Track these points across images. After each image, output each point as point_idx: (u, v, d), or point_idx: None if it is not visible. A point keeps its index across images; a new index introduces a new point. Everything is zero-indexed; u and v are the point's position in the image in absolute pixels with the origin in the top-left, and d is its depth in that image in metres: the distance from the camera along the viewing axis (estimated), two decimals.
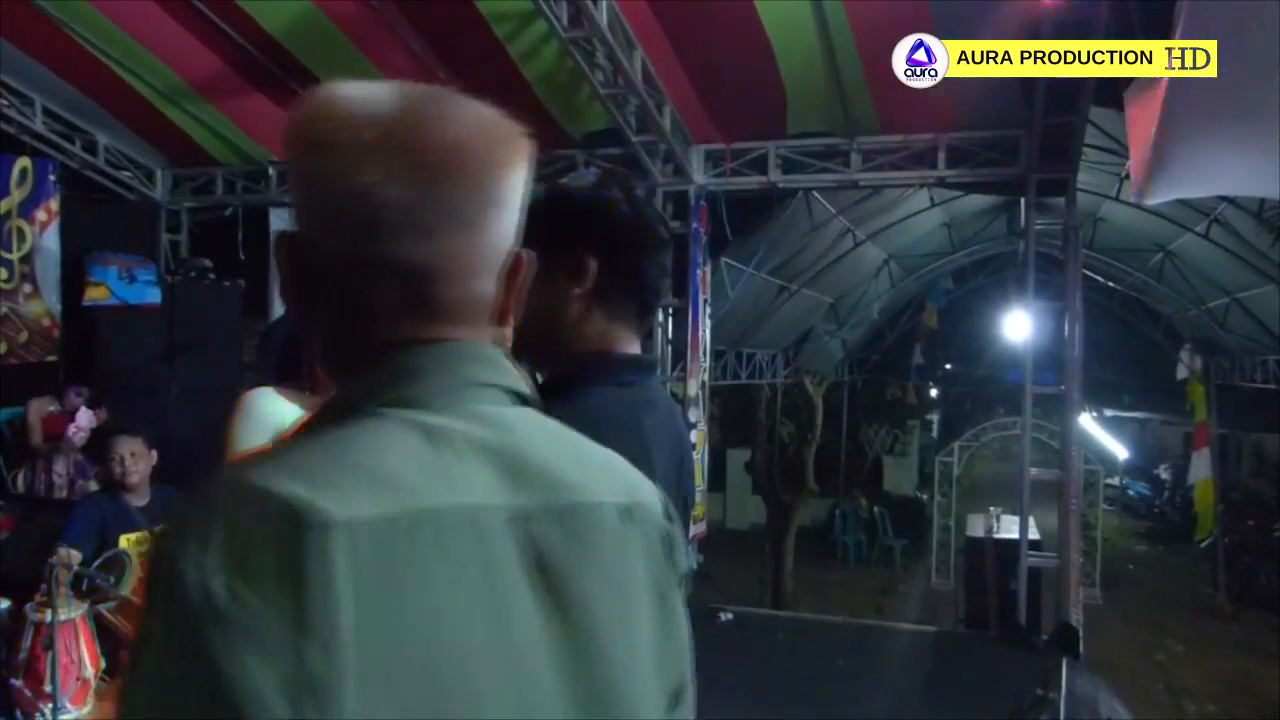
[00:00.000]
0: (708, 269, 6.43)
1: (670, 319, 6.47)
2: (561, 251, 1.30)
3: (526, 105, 5.75)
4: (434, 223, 0.76)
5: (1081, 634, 5.18)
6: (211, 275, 6.83)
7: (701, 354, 6.36)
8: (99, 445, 4.44)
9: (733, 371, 9.20)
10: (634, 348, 1.36)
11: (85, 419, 5.73)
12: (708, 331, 6.49)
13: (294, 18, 5.10)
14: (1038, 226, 5.78)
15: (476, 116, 0.86)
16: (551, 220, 1.28)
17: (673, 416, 1.39)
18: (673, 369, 6.45)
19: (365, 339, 0.77)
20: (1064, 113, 5.14)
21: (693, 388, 6.29)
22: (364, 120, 0.77)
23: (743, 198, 6.40)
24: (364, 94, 0.79)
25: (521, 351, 1.32)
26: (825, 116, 5.70)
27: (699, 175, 6.18)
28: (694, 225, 6.18)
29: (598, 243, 1.32)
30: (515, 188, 0.84)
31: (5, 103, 6.11)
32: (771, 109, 5.60)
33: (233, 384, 6.41)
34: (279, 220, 6.99)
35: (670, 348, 6.45)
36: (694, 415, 6.29)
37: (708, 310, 6.47)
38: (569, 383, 1.29)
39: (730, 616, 5.43)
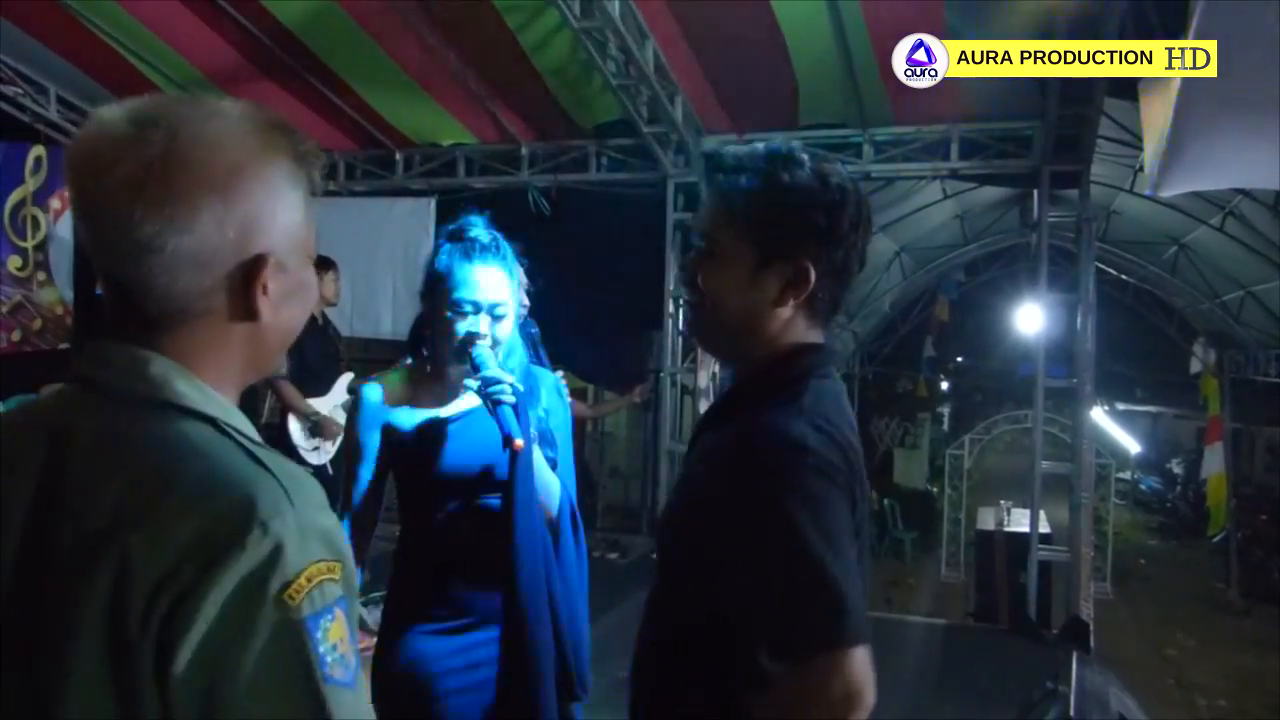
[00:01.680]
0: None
1: (681, 311, 6.46)
2: (778, 258, 1.24)
3: (538, 96, 5.77)
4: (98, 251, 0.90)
5: (1092, 628, 5.17)
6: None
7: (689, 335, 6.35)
8: None
9: None
10: (821, 338, 1.31)
11: None
12: None
13: (308, 8, 5.11)
14: (1051, 219, 5.76)
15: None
16: (771, 222, 1.24)
17: (846, 398, 1.35)
18: (683, 360, 6.45)
19: None
20: (1078, 105, 5.12)
21: (703, 379, 6.29)
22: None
23: None
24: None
25: (713, 344, 1.33)
26: (837, 108, 5.68)
27: None
28: None
29: (819, 250, 1.24)
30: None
31: (19, 91, 6.13)
32: (783, 100, 5.58)
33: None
34: None
35: (681, 339, 6.45)
36: (704, 406, 6.29)
37: None
38: (780, 383, 1.24)
39: None
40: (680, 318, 6.47)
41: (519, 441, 1.86)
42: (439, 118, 6.22)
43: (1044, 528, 5.89)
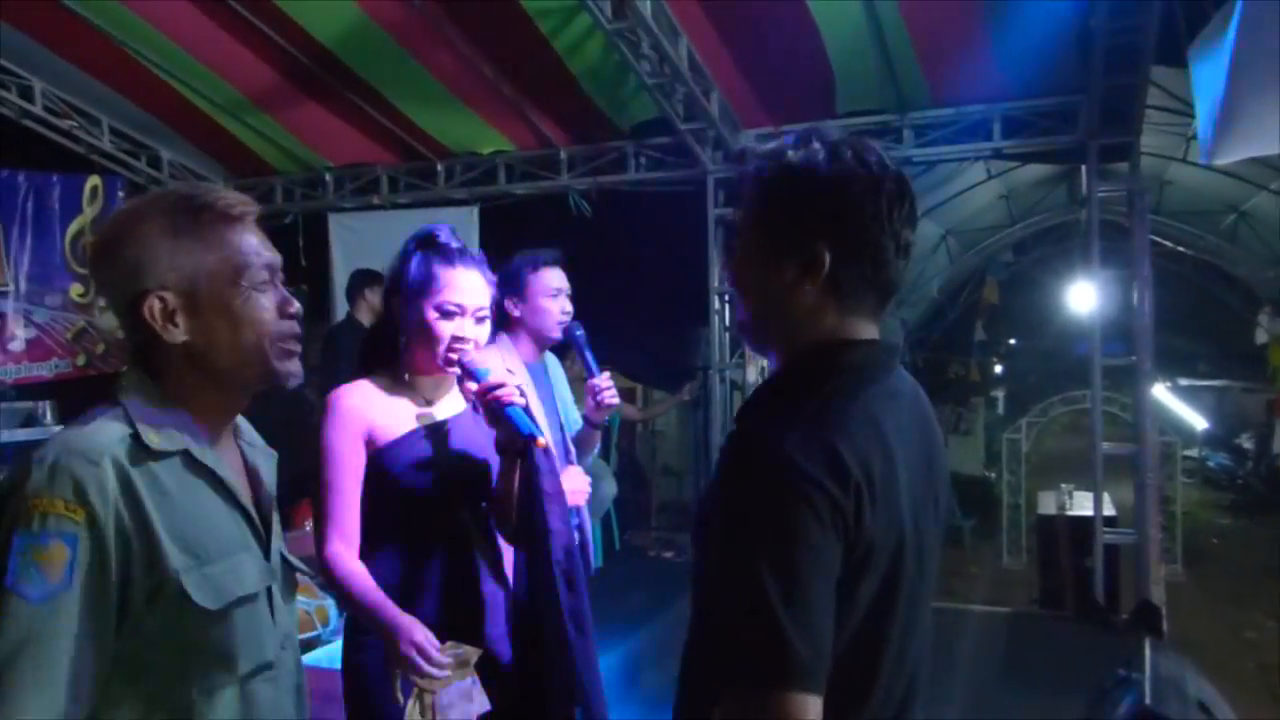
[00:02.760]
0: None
1: (727, 306, 6.44)
2: (789, 243, 1.17)
3: (573, 100, 5.78)
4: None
5: (1164, 612, 5.05)
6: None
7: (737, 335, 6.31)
8: None
9: None
10: (870, 333, 1.22)
11: None
12: None
13: (343, 25, 5.18)
14: (1101, 193, 5.62)
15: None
16: (777, 206, 1.19)
17: (916, 405, 1.25)
18: (731, 356, 6.43)
19: None
20: (1124, 74, 4.98)
21: (752, 374, 6.26)
22: None
23: None
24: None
25: (756, 340, 1.28)
26: (875, 94, 5.61)
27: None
28: None
29: (833, 232, 1.16)
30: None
31: (74, 124, 6.30)
32: (820, 89, 5.53)
33: (298, 386, 6.55)
34: (337, 226, 7.11)
35: (728, 335, 6.42)
36: None
37: None
38: (797, 384, 1.18)
39: None
40: (726, 314, 6.44)
41: (542, 440, 1.86)
42: (477, 127, 6.26)
43: (1108, 510, 5.76)
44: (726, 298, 6.40)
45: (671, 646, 4.28)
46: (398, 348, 2.00)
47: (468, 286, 1.95)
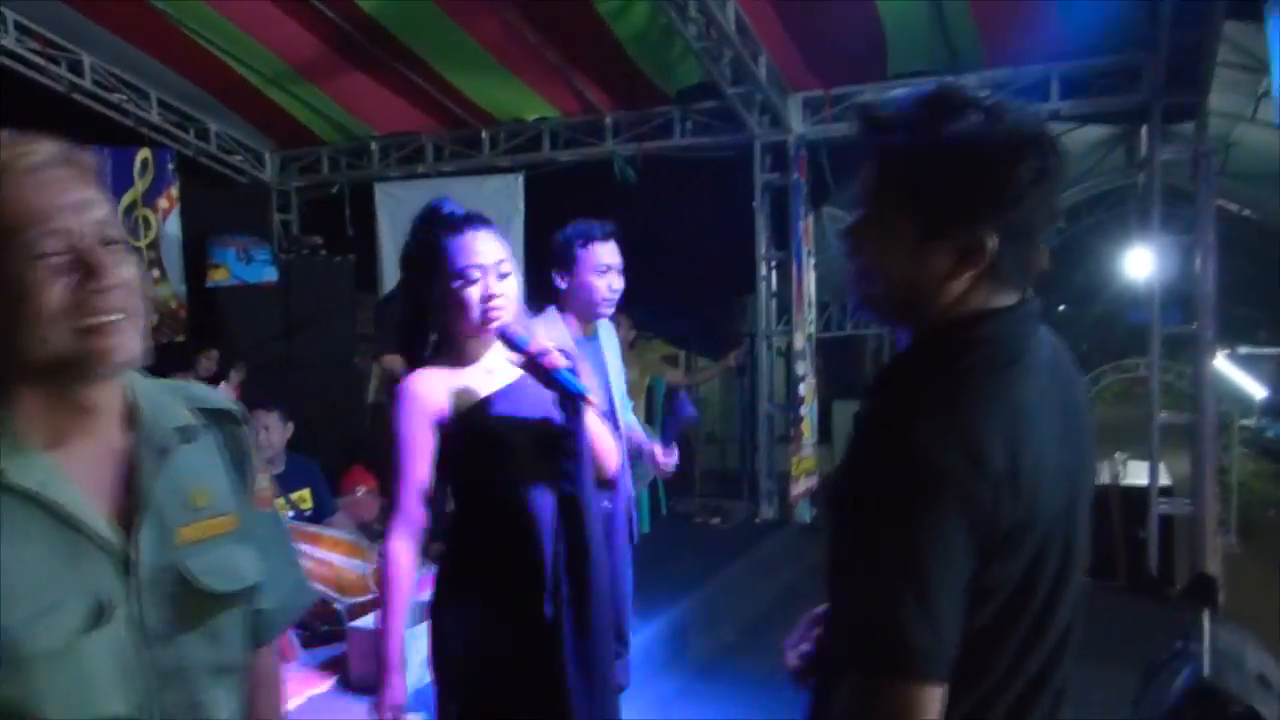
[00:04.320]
0: (810, 220, 6.30)
1: (774, 272, 6.38)
2: (948, 229, 1.05)
3: (619, 65, 5.72)
4: None
5: (1220, 583, 4.95)
6: (323, 252, 7.04)
7: (806, 306, 6.26)
8: None
9: (838, 323, 9.04)
10: (1010, 300, 1.11)
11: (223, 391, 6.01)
12: (812, 283, 6.38)
13: None
14: (1163, 157, 5.45)
15: None
16: (936, 185, 1.05)
17: (1060, 369, 1.15)
18: (777, 322, 6.37)
19: None
20: (1193, 29, 4.78)
21: (798, 341, 6.21)
22: None
23: (843, 145, 6.22)
24: None
25: (887, 316, 1.18)
26: (927, 54, 5.48)
27: (797, 124, 6.03)
28: (794, 176, 6.06)
29: (1001, 218, 1.04)
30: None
31: (124, 97, 6.37)
32: (872, 50, 5.42)
33: (347, 355, 6.63)
34: (383, 195, 7.14)
35: (774, 301, 6.36)
36: (801, 368, 6.21)
37: (811, 262, 6.35)
38: (935, 362, 1.09)
39: None
40: (773, 280, 6.38)
41: (591, 398, 1.90)
42: (522, 93, 6.23)
43: (1164, 480, 5.64)
44: (774, 263, 6.34)
45: (717, 613, 4.30)
46: (435, 329, 2.01)
47: (480, 248, 1.93)
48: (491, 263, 1.93)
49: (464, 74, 6.02)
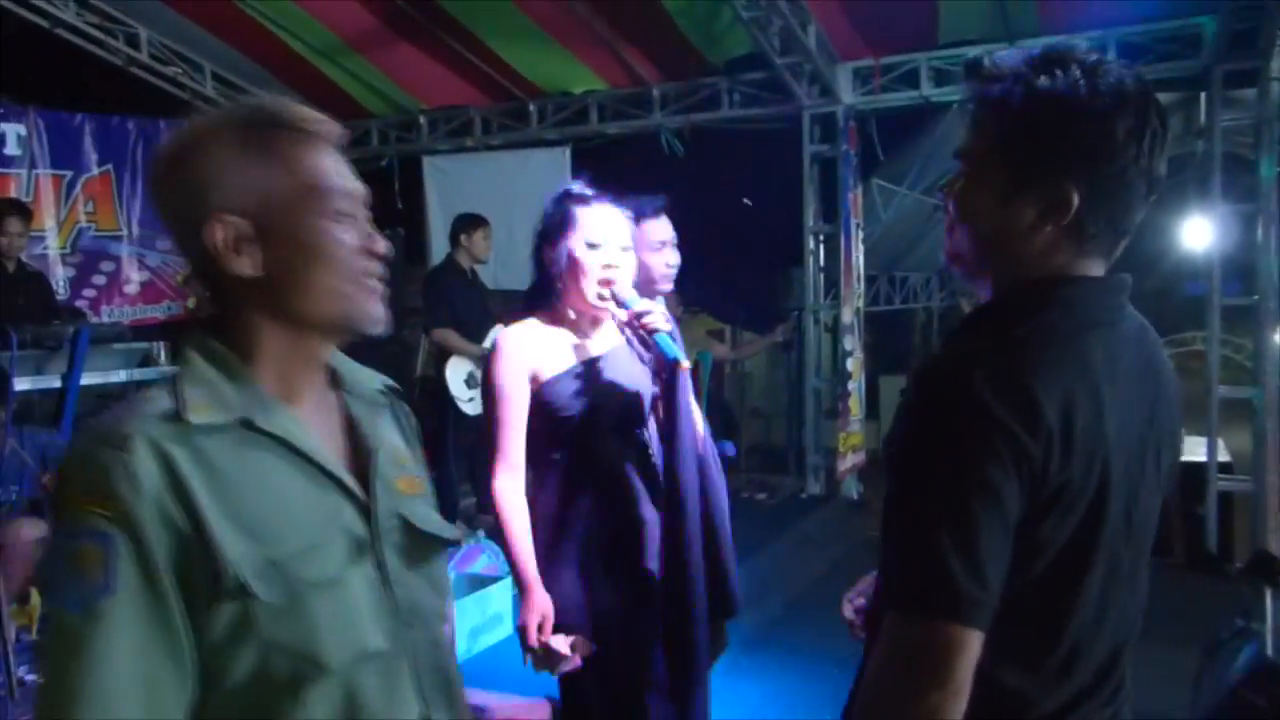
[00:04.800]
0: (859, 192, 6.23)
1: (821, 246, 6.33)
2: (1035, 181, 1.06)
3: (667, 36, 5.68)
4: None
5: None
6: (372, 225, 7.10)
7: (855, 280, 6.21)
8: None
9: (886, 297, 8.97)
10: (1097, 271, 1.12)
11: None
12: (860, 257, 6.32)
13: None
14: (1224, 123, 5.31)
15: None
16: (1027, 138, 1.07)
17: (1142, 348, 1.15)
18: (825, 296, 6.33)
19: None
20: None
21: (847, 315, 6.16)
22: None
23: (893, 115, 6.14)
24: None
25: (970, 273, 1.17)
26: (980, 21, 5.37)
27: (847, 95, 5.96)
28: (843, 147, 5.99)
29: (1087, 173, 1.04)
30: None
31: (179, 70, 6.47)
32: (922, 17, 5.33)
33: (395, 328, 6.69)
34: (431, 168, 7.18)
35: (823, 275, 6.32)
36: (849, 343, 6.17)
37: (860, 235, 6.28)
38: (1004, 317, 1.10)
39: None
40: (821, 254, 6.32)
41: (685, 363, 2.00)
42: (569, 66, 6.22)
43: (1223, 456, 5.54)
44: (822, 237, 6.29)
45: (764, 588, 4.31)
46: (554, 291, 2.11)
47: (606, 219, 2.07)
48: (614, 235, 2.06)
49: (512, 47, 6.03)
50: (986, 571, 0.99)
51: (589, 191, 2.13)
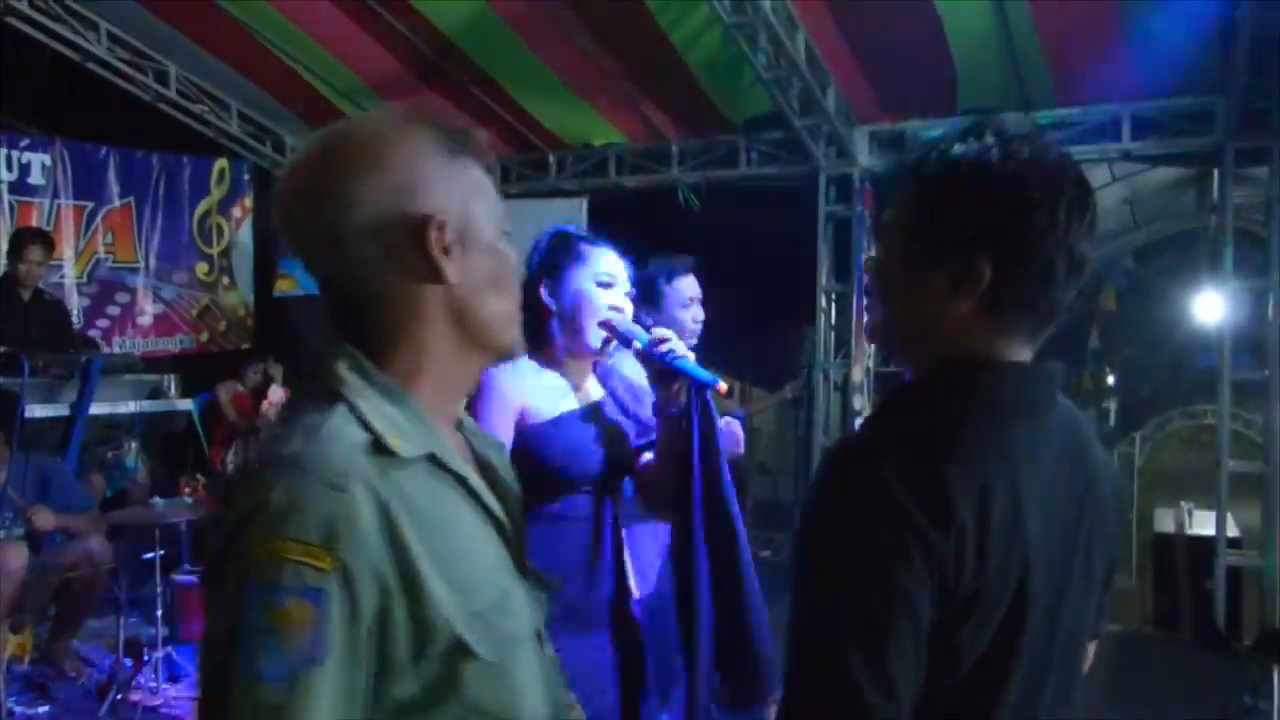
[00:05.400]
0: (872, 253, 6.27)
1: (834, 304, 6.35)
2: (943, 251, 1.01)
3: (688, 93, 5.78)
4: (304, 254, 1.00)
5: None
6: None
7: (866, 340, 6.22)
8: None
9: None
10: (1022, 356, 1.06)
11: (277, 395, 6.13)
12: None
13: (465, 16, 5.29)
14: (1236, 200, 5.35)
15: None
16: (935, 207, 1.02)
17: (1070, 441, 1.08)
18: (836, 354, 6.34)
19: None
20: (1269, 73, 4.71)
21: (857, 374, 6.16)
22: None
23: None
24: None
25: (890, 348, 1.17)
26: (997, 91, 5.44)
27: (864, 157, 6.02)
28: (858, 208, 6.04)
29: (997, 243, 0.99)
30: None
31: (205, 108, 6.59)
32: (941, 84, 5.40)
33: None
34: None
35: (834, 333, 6.33)
36: (858, 402, 6.17)
37: None
38: (921, 401, 1.05)
39: None
40: (833, 313, 6.35)
41: (723, 385, 1.91)
42: (590, 119, 6.31)
43: (1232, 531, 5.49)
44: (834, 296, 6.32)
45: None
46: (549, 331, 2.04)
47: (617, 263, 2.05)
48: (620, 279, 2.04)
49: (536, 99, 6.12)
50: (897, 685, 0.90)
51: (593, 233, 2.12)
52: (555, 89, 5.89)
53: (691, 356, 1.94)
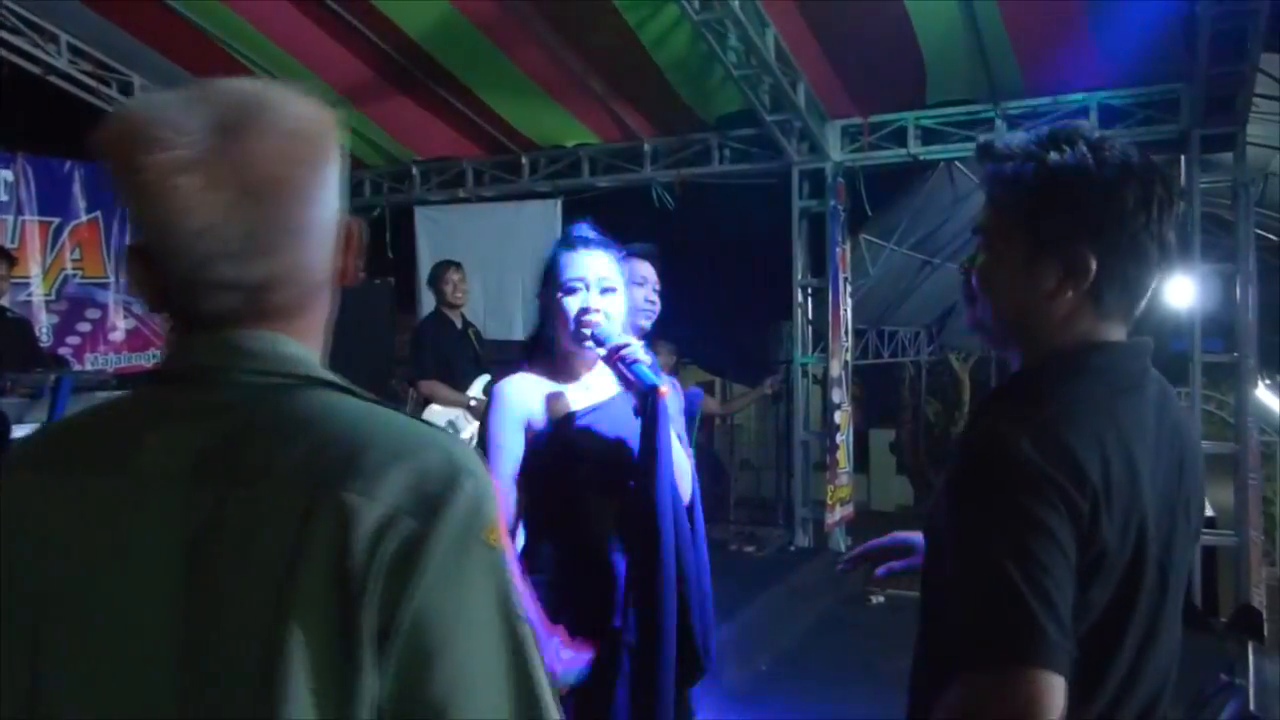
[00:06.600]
0: (847, 247, 6.30)
1: (810, 299, 6.39)
2: (1053, 250, 1.14)
3: (659, 92, 5.79)
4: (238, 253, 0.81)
5: (1265, 616, 4.86)
6: (362, 274, 7.12)
7: (843, 333, 6.25)
8: None
9: (874, 350, 9.03)
10: (1119, 335, 1.18)
11: None
12: (849, 311, 6.38)
13: (433, 20, 5.27)
14: (1202, 185, 5.42)
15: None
16: (1044, 211, 1.14)
17: (1166, 409, 1.19)
18: (813, 349, 6.37)
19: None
20: (1230, 61, 4.79)
21: (835, 368, 6.20)
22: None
23: (882, 172, 6.24)
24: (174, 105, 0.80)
25: (998, 341, 1.25)
26: (967, 83, 5.49)
27: (836, 151, 6.06)
28: (832, 203, 6.07)
29: (1102, 239, 1.12)
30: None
31: None
32: (910, 78, 5.44)
33: (384, 377, 6.69)
34: (423, 219, 7.23)
35: (810, 328, 6.37)
36: (837, 396, 6.20)
37: (848, 289, 6.35)
38: (1041, 386, 1.15)
39: (882, 599, 5.35)
40: (810, 307, 6.38)
41: (665, 388, 1.96)
42: (562, 120, 6.31)
43: (1206, 511, 5.56)
44: (810, 290, 6.35)
45: (751, 642, 4.26)
46: (550, 340, 2.12)
47: (587, 262, 2.06)
48: (594, 278, 2.04)
49: (506, 100, 6.12)
50: (1063, 615, 1.00)
51: (589, 233, 2.14)
52: (526, 90, 5.88)
53: (648, 360, 1.99)
